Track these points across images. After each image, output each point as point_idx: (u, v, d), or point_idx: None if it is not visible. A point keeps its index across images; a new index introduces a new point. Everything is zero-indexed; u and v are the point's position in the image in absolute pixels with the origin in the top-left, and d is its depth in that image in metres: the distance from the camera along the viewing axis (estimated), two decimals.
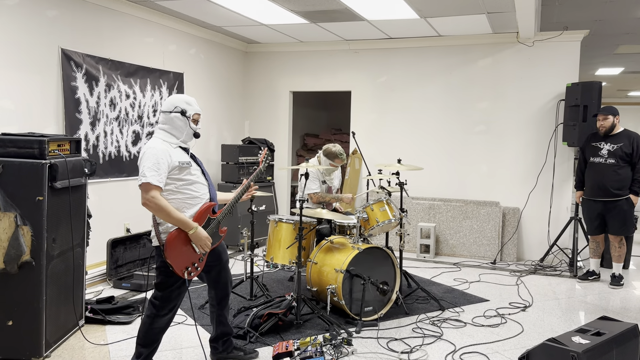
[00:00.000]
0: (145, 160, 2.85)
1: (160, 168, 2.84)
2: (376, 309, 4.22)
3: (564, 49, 6.32)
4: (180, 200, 2.96)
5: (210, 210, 3.05)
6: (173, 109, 3.03)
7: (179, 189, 2.96)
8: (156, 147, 2.91)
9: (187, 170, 2.97)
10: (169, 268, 2.91)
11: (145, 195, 2.82)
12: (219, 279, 3.23)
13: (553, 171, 6.41)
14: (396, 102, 7.07)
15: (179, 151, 3.00)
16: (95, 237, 4.56)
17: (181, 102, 3.06)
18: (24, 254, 3.22)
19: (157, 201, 2.81)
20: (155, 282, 3.03)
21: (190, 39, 6.48)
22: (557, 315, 4.49)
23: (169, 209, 2.84)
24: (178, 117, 3.02)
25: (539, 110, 6.48)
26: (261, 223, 6.18)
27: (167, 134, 3.02)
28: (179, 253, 2.90)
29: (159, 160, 2.85)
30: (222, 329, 3.34)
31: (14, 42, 4.31)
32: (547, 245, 6.33)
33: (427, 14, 5.57)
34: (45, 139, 3.32)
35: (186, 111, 3.04)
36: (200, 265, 3.03)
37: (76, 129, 4.88)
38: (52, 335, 3.44)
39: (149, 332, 3.02)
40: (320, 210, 4.32)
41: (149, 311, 3.03)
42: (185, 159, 2.99)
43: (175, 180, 2.94)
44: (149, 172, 2.81)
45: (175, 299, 3.05)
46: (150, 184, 2.81)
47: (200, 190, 3.04)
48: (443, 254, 6.70)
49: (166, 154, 2.90)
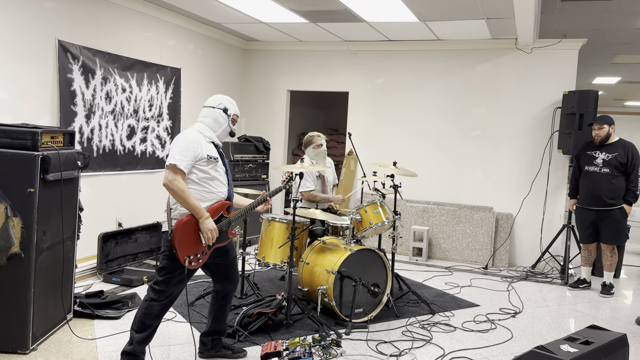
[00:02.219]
0: (177, 145, 3.00)
1: (188, 155, 2.97)
2: (366, 311, 4.21)
3: (561, 57, 6.34)
4: (197, 192, 3.05)
5: (224, 208, 3.15)
6: (217, 104, 3.19)
7: (199, 180, 3.06)
8: (190, 135, 3.05)
9: (214, 165, 3.09)
10: (173, 252, 2.97)
11: (169, 177, 2.93)
12: (226, 275, 3.28)
13: (547, 178, 6.42)
14: (393, 104, 7.07)
15: (210, 146, 3.13)
16: (86, 230, 4.54)
17: (225, 101, 3.22)
18: (13, 246, 3.20)
19: (178, 184, 2.93)
20: (158, 267, 3.09)
21: (188, 34, 6.46)
22: (547, 323, 4.50)
23: (187, 194, 2.95)
24: (220, 114, 3.18)
25: (535, 117, 6.49)
26: (254, 221, 6.17)
27: (205, 127, 3.16)
28: (186, 239, 2.98)
29: (189, 148, 2.98)
30: (216, 326, 3.36)
31: (10, 32, 4.28)
32: (539, 252, 6.34)
33: (427, 17, 5.57)
34: (38, 131, 3.29)
35: (228, 109, 3.21)
36: (203, 259, 3.08)
37: (71, 121, 4.85)
38: (39, 328, 3.41)
39: (144, 317, 3.05)
40: (313, 211, 4.31)
41: (147, 296, 3.08)
42: (214, 154, 3.11)
43: (198, 171, 3.04)
44: (178, 156, 2.95)
45: (173, 287, 3.08)
46: (176, 166, 2.93)
47: (219, 187, 3.14)
48: (435, 257, 6.71)
49: (198, 144, 3.03)
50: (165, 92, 6.08)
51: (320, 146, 4.93)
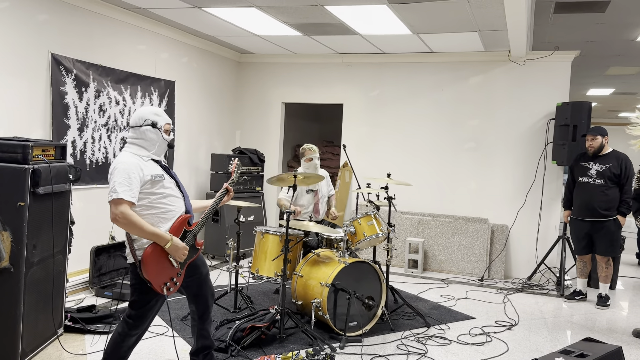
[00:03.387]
0: (115, 176, 2.75)
1: (132, 183, 2.75)
2: (361, 325, 4.17)
3: (555, 69, 6.37)
4: (155, 215, 2.86)
5: (185, 223, 2.96)
6: (143, 122, 2.92)
7: (152, 203, 2.86)
8: (127, 161, 2.81)
9: (161, 183, 2.88)
10: (146, 285, 2.81)
11: (115, 211, 2.69)
12: (200, 292, 3.11)
13: (542, 189, 6.42)
14: (388, 116, 7.08)
15: (151, 164, 2.91)
16: (78, 244, 4.49)
17: (150, 114, 2.95)
18: (3, 260, 3.15)
19: (128, 217, 2.70)
20: (130, 300, 2.91)
21: (182, 47, 6.47)
22: (543, 335, 4.47)
23: (141, 223, 2.74)
24: (149, 130, 2.92)
25: (529, 129, 6.51)
26: (248, 234, 6.13)
27: (138, 148, 2.92)
28: (157, 269, 2.80)
29: (130, 175, 2.76)
30: (203, 342, 3.25)
31: (3, 45, 4.27)
32: (534, 264, 6.33)
33: (420, 30, 5.60)
34: (29, 144, 3.27)
35: (157, 123, 2.94)
36: (179, 280, 2.93)
37: (64, 134, 4.83)
38: (29, 344, 3.36)
39: (117, 349, 2.92)
40: (307, 223, 4.29)
41: (120, 328, 2.92)
42: (158, 172, 2.90)
43: (148, 194, 2.84)
44: (120, 188, 2.71)
45: (149, 317, 2.95)
46: (122, 199, 2.70)
47: (175, 203, 2.95)
48: (431, 269, 6.68)
49: (137, 168, 2.80)
50: (159, 105, 6.07)
51: (310, 160, 4.94)
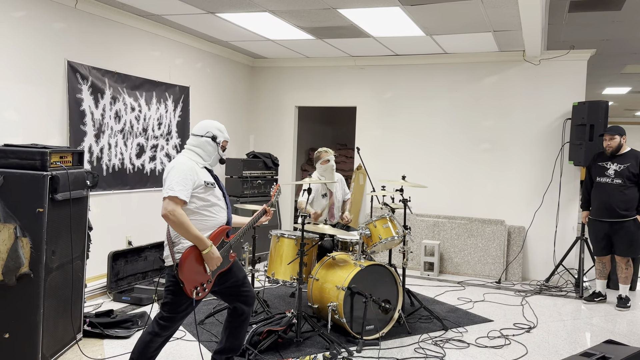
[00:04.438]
0: (173, 175, 2.89)
1: (187, 184, 2.89)
2: (378, 328, 4.16)
3: (570, 68, 6.30)
4: (198, 221, 2.97)
5: (224, 234, 3.09)
6: (205, 133, 3.10)
7: (198, 209, 2.98)
8: (185, 163, 2.96)
9: (211, 191, 3.02)
10: (180, 287, 2.90)
11: (168, 207, 2.82)
12: (240, 295, 3.19)
13: (559, 190, 6.35)
14: (401, 118, 7.06)
15: (204, 171, 3.06)
16: (96, 249, 4.54)
17: (213, 128, 3.12)
18: (23, 266, 3.20)
19: (179, 215, 2.82)
20: (163, 302, 3.00)
21: (196, 53, 6.52)
22: (562, 337, 4.41)
23: (188, 224, 2.85)
24: (209, 142, 3.09)
25: (545, 129, 6.44)
26: (263, 238, 6.15)
27: (195, 155, 3.07)
28: (191, 271, 2.91)
29: (187, 176, 2.90)
30: (232, 342, 3.26)
31: (21, 53, 4.34)
32: (552, 265, 6.25)
33: (433, 31, 5.57)
34: (47, 151, 3.31)
35: (217, 137, 3.12)
36: (208, 287, 3.02)
37: (80, 140, 4.89)
38: (48, 348, 3.39)
39: (145, 349, 2.99)
40: (322, 226, 4.28)
41: (151, 328, 3.00)
42: (211, 180, 3.05)
43: (197, 199, 2.97)
44: (177, 186, 2.85)
45: (180, 320, 3.02)
46: (177, 197, 2.84)
47: (218, 213, 3.07)
48: (447, 272, 6.63)
49: (193, 172, 2.95)
50: (174, 111, 6.12)
51: (327, 162, 4.93)
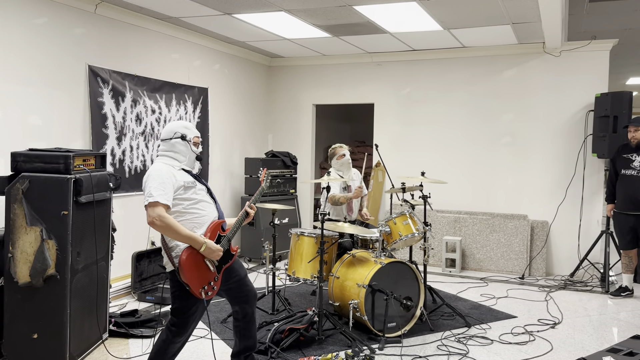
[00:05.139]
0: (150, 182, 2.88)
1: (166, 187, 2.87)
2: (400, 325, 4.14)
3: (592, 59, 6.19)
4: (189, 220, 2.96)
5: (219, 227, 3.05)
6: (173, 135, 3.07)
7: (186, 209, 2.96)
8: (160, 168, 2.95)
9: (193, 189, 3.00)
10: (186, 290, 2.89)
11: (152, 214, 2.80)
12: (241, 294, 3.18)
13: (583, 183, 6.24)
14: (420, 114, 7.02)
15: (182, 173, 3.03)
16: (120, 250, 4.61)
17: (180, 128, 3.09)
18: (49, 268, 3.27)
19: (165, 219, 2.80)
20: (172, 309, 2.99)
21: (214, 54, 6.57)
22: (588, 333, 4.34)
23: (177, 226, 2.84)
24: (179, 142, 3.06)
25: (567, 121, 6.34)
26: (283, 236, 6.17)
27: (169, 159, 3.05)
28: (194, 272, 2.88)
29: (164, 180, 2.88)
30: (246, 343, 3.29)
31: (43, 59, 4.42)
32: (577, 260, 6.16)
33: (451, 25, 5.52)
34: (70, 154, 3.38)
35: (186, 135, 3.08)
36: (217, 285, 3.01)
37: (103, 143, 4.96)
38: (76, 348, 3.46)
39: (161, 356, 2.99)
40: (342, 224, 4.29)
41: (164, 336, 2.99)
42: (189, 179, 3.02)
43: (181, 200, 2.95)
44: (156, 192, 2.83)
45: (192, 324, 3.02)
46: (158, 202, 2.81)
47: (206, 208, 3.05)
48: (469, 268, 6.58)
49: (170, 175, 2.93)
50: (193, 112, 6.18)
51: (343, 156, 4.94)
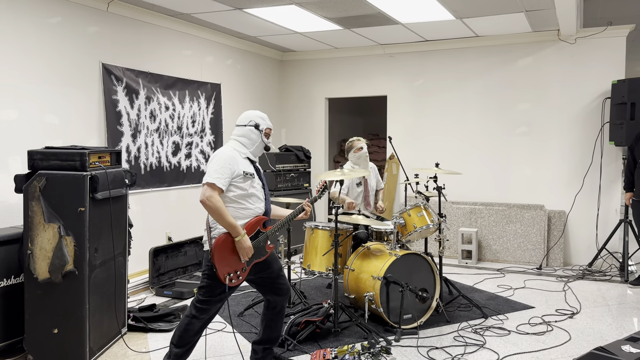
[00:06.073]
0: (213, 163, 3.03)
1: (225, 172, 3.00)
2: (416, 317, 4.14)
3: (608, 45, 6.09)
4: (235, 209, 3.07)
5: (261, 224, 3.15)
6: (248, 122, 3.22)
7: (236, 197, 3.07)
8: (226, 152, 3.09)
9: (250, 181, 3.11)
10: (214, 271, 2.99)
11: (206, 193, 2.94)
12: (274, 286, 3.25)
13: (600, 172, 6.15)
14: (433, 105, 6.97)
15: (246, 162, 3.15)
16: (137, 246, 4.67)
17: (255, 117, 3.24)
18: (68, 264, 3.32)
19: (215, 202, 2.93)
20: (200, 285, 3.10)
21: (226, 50, 6.58)
22: (607, 323, 4.29)
23: (223, 210, 2.95)
24: (252, 130, 3.20)
25: (584, 109, 6.25)
26: (298, 230, 6.19)
27: (239, 144, 3.19)
28: (224, 257, 3.00)
29: (225, 165, 3.01)
30: (270, 334, 3.33)
31: (57, 58, 4.48)
32: (595, 249, 6.08)
33: (463, 14, 5.47)
34: (86, 152, 3.42)
35: (259, 125, 3.22)
36: (243, 275, 3.08)
37: (118, 141, 5.02)
38: (95, 343, 3.52)
39: (184, 333, 3.08)
40: (356, 217, 4.28)
41: (189, 311, 3.10)
42: (250, 170, 3.14)
43: (235, 188, 3.06)
44: (216, 174, 2.97)
45: (215, 304, 3.09)
46: (214, 184, 2.95)
47: (256, 203, 3.15)
48: (486, 259, 6.53)
49: (233, 161, 3.06)
50: (206, 108, 6.21)
51: (360, 149, 4.92)
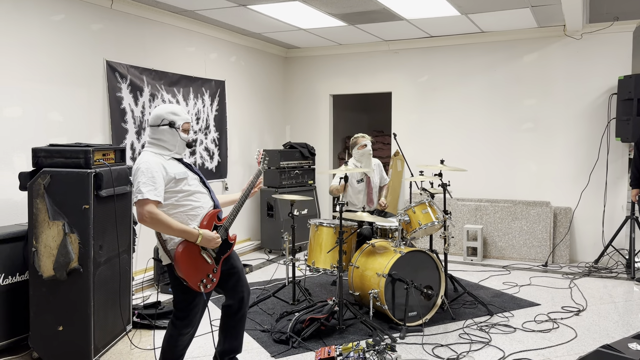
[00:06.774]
0: (139, 177, 2.71)
1: (156, 182, 2.71)
2: (421, 314, 4.13)
3: (615, 41, 6.04)
4: (183, 212, 2.83)
5: (215, 218, 2.93)
6: (160, 122, 2.87)
7: (179, 201, 2.82)
8: (149, 160, 2.77)
9: (184, 181, 2.84)
10: (184, 284, 2.80)
11: (142, 211, 2.66)
12: (236, 287, 3.06)
13: (606, 168, 6.11)
14: (438, 101, 6.94)
15: (173, 163, 2.87)
16: (142, 243, 4.67)
17: (167, 114, 2.89)
18: (72, 261, 3.32)
19: (156, 215, 2.66)
20: (174, 302, 2.92)
21: (230, 46, 6.57)
22: (614, 320, 4.27)
23: (168, 221, 2.70)
24: (167, 130, 2.86)
25: (590, 105, 6.21)
26: (302, 227, 6.17)
27: (158, 147, 2.88)
28: (191, 266, 2.78)
29: (154, 174, 2.72)
30: (231, 343, 3.13)
31: (61, 56, 4.47)
32: (601, 246, 6.05)
33: (468, 10, 5.43)
34: (90, 149, 3.41)
35: (174, 122, 2.88)
36: (216, 277, 2.89)
37: (122, 138, 5.02)
38: (100, 340, 3.52)
39: (173, 350, 2.94)
40: (360, 214, 4.27)
41: (170, 330, 2.91)
42: (180, 170, 2.86)
43: (174, 193, 2.81)
44: (145, 188, 2.67)
45: (196, 316, 2.92)
46: (148, 199, 2.66)
47: (201, 199, 2.90)
48: (491, 256, 6.51)
49: (160, 167, 2.77)
50: (211, 105, 6.20)
51: (364, 146, 4.91)
